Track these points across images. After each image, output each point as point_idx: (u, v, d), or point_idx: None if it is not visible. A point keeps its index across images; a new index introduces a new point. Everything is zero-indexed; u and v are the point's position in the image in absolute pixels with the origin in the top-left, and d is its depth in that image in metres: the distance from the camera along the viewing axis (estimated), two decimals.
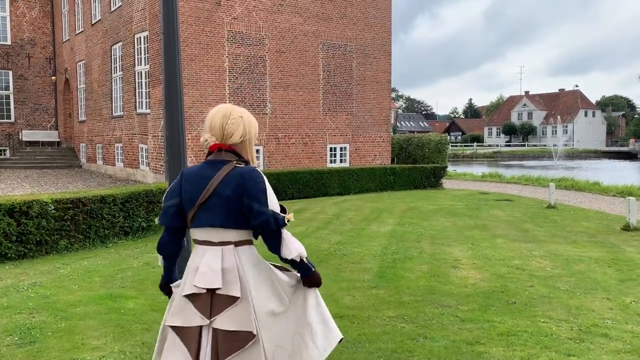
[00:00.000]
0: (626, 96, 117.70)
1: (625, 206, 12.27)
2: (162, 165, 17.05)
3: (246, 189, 2.34)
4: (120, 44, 19.94)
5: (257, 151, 18.62)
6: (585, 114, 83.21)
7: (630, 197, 10.18)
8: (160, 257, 2.62)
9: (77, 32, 24.36)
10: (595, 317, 4.86)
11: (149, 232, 9.38)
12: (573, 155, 63.04)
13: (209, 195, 2.37)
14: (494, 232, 9.83)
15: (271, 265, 2.52)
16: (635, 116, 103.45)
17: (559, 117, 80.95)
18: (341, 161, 20.48)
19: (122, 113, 20.17)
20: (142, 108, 18.56)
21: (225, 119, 2.43)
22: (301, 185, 16.28)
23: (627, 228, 9.84)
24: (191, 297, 2.38)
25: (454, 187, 20.13)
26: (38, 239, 7.53)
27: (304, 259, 2.47)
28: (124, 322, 4.73)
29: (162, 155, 17.00)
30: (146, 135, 18.17)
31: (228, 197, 2.35)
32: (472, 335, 4.43)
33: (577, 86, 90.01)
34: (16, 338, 4.34)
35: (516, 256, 7.60)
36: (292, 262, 2.46)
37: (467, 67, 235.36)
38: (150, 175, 17.91)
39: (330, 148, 20.17)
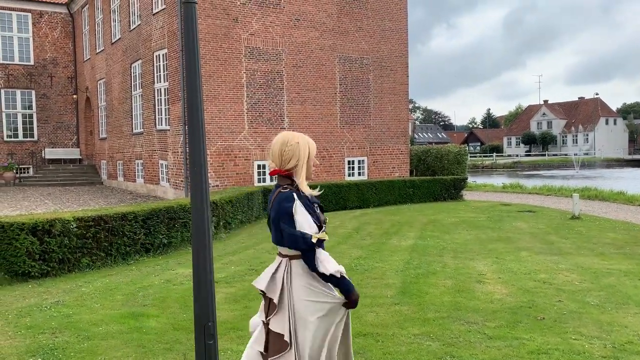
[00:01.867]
0: None
1: None
2: (182, 181, 17.16)
3: (278, 212, 2.70)
4: (139, 61, 20.22)
5: None
6: (607, 122, 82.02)
7: None
8: None
9: (97, 51, 24.79)
10: (629, 333, 4.69)
11: (170, 248, 9.40)
12: (595, 164, 62.04)
13: (269, 214, 2.83)
14: (518, 244, 9.65)
15: (319, 279, 2.73)
16: None
17: (580, 125, 79.93)
18: (359, 174, 20.39)
19: (142, 130, 20.39)
20: (161, 125, 18.75)
21: (284, 146, 2.76)
22: (320, 199, 16.18)
23: None
24: (262, 294, 2.88)
25: (474, 199, 19.89)
26: (60, 257, 7.58)
27: (344, 275, 2.67)
28: (145, 341, 4.70)
29: (182, 171, 17.12)
30: (166, 151, 18.32)
31: (272, 219, 2.77)
32: (501, 353, 4.30)
33: (597, 94, 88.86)
34: (40, 359, 4.32)
35: (542, 270, 7.43)
36: (331, 279, 2.68)
37: (485, 77, 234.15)
38: (170, 191, 18.02)
39: (348, 161, 20.11)
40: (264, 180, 18.22)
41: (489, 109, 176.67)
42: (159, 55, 18.62)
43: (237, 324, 5.20)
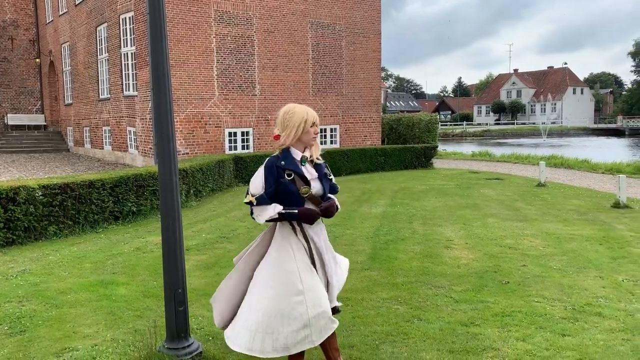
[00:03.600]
0: (614, 73, 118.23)
1: (614, 184, 12.34)
2: (151, 148, 16.87)
3: None
4: (105, 25, 19.55)
5: (247, 133, 18.48)
6: (574, 92, 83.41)
7: (620, 175, 10.22)
8: None
9: (60, 12, 23.85)
10: (589, 295, 4.88)
11: (139, 216, 9.29)
12: (562, 132, 63.32)
13: None
14: (486, 211, 9.85)
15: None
16: (623, 93, 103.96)
17: (549, 95, 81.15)
18: (332, 142, 20.39)
19: (109, 96, 19.88)
20: (129, 90, 18.30)
21: (285, 114, 3.10)
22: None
23: (617, 205, 9.90)
24: None
25: (444, 167, 20.15)
26: (26, 226, 7.42)
27: (282, 212, 3.00)
28: (115, 309, 4.68)
29: (151, 138, 16.81)
30: (134, 118, 17.94)
31: None
32: (467, 316, 4.43)
33: (565, 63, 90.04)
34: (6, 327, 4.27)
35: (508, 235, 7.62)
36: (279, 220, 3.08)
37: (458, 45, 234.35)
38: (139, 159, 17.73)
39: (321, 129, 20.04)
40: (236, 148, 18.07)
41: (460, 78, 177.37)
42: (125, 18, 18.02)
43: (208, 290, 5.20)
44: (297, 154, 3.10)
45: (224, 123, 17.86)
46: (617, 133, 63.84)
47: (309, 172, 3.10)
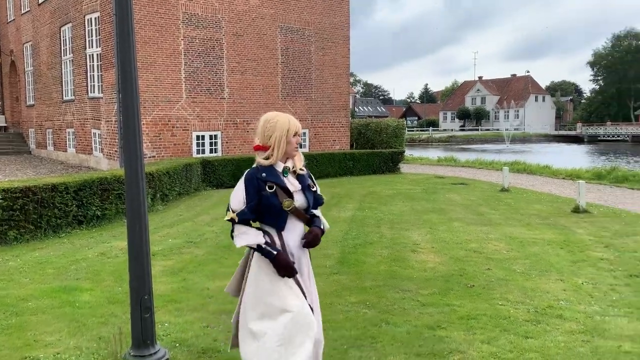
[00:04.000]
0: (574, 82, 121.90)
1: (575, 189, 12.71)
2: (116, 151, 16.56)
3: None
4: (69, 25, 19.13)
5: (215, 136, 18.33)
6: (536, 99, 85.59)
7: (580, 181, 10.53)
8: None
9: (23, 11, 23.23)
10: (550, 298, 5.02)
11: (104, 220, 9.11)
12: (524, 139, 64.86)
13: None
14: (451, 215, 10.01)
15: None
16: (582, 101, 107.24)
17: (512, 102, 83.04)
18: (301, 146, 20.23)
19: (73, 97, 19.44)
20: (94, 92, 17.93)
21: (266, 123, 2.92)
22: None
23: (576, 210, 10.19)
24: None
25: (411, 172, 20.40)
26: None
27: (261, 245, 2.83)
28: (79, 316, 4.58)
29: (117, 140, 16.51)
30: (99, 120, 17.59)
31: None
32: (433, 319, 4.50)
33: (528, 72, 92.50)
34: None
35: (473, 239, 7.76)
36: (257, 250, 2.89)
37: (425, 52, 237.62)
38: (104, 162, 17.38)
39: None
40: (203, 152, 17.90)
41: (427, 84, 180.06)
42: (90, 18, 17.68)
43: (175, 296, 5.15)
44: (278, 165, 2.92)
45: (191, 126, 17.67)
46: (577, 140, 65.80)
47: (292, 183, 2.92)
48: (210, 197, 13.31)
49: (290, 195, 2.87)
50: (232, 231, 2.89)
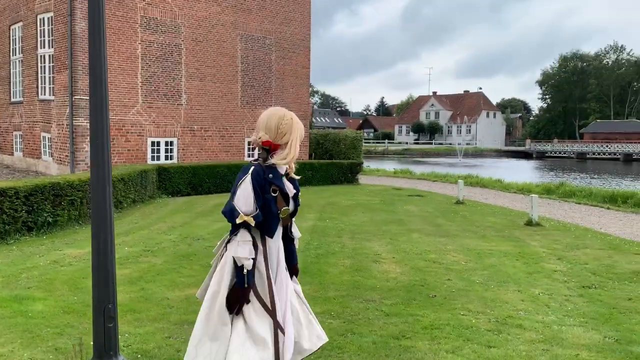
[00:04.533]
0: (523, 99, 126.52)
1: (527, 203, 13.14)
2: (67, 155, 16.02)
3: (234, 189, 2.68)
4: (20, 24, 18.46)
5: (171, 143, 18.01)
6: (487, 115, 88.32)
7: (533, 195, 10.89)
8: None
9: None
10: (510, 308, 5.14)
11: (56, 227, 8.77)
12: (476, 153, 66.74)
13: None
14: (410, 226, 10.15)
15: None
16: (531, 118, 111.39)
17: (465, 117, 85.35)
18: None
19: (22, 99, 18.71)
20: (45, 94, 17.33)
21: (281, 120, 2.72)
22: (218, 179, 15.93)
23: (529, 223, 10.52)
24: None
25: (368, 183, 20.60)
26: None
27: (245, 269, 2.63)
28: (32, 326, 4.36)
29: (68, 145, 15.97)
30: (50, 123, 16.98)
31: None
32: (398, 329, 4.52)
33: (480, 88, 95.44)
34: None
35: (432, 250, 7.88)
36: (235, 263, 2.66)
37: (381, 66, 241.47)
38: (53, 167, 16.77)
39: (249, 142, 19.90)
40: (158, 159, 17.54)
41: (383, 98, 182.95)
42: (43, 18, 17.11)
43: (134, 306, 4.99)
44: (282, 168, 2.73)
45: (147, 132, 17.31)
46: (526, 155, 68.23)
47: (289, 189, 2.77)
48: (166, 205, 13.03)
49: (287, 201, 2.74)
50: (234, 235, 2.64)
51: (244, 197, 2.62)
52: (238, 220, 2.59)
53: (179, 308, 4.97)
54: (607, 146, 64.31)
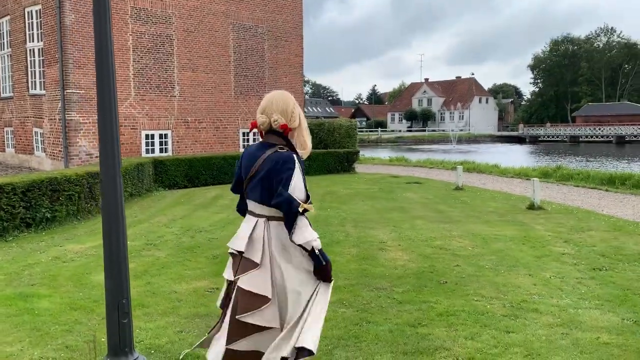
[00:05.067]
0: (514, 84, 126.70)
1: (527, 187, 13.11)
2: (60, 150, 15.81)
3: (277, 171, 2.59)
4: (7, 17, 18.13)
5: (165, 135, 17.83)
6: (480, 101, 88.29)
7: (534, 179, 10.84)
8: None
9: None
10: (523, 293, 5.08)
11: (54, 223, 8.62)
12: (470, 139, 66.75)
13: (254, 172, 2.67)
14: (412, 213, 10.09)
15: (300, 249, 2.64)
16: (522, 103, 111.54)
17: (458, 103, 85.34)
18: None
19: (12, 94, 18.42)
20: (35, 89, 17.06)
21: (292, 103, 2.71)
22: (215, 171, 15.79)
23: (531, 207, 10.48)
24: (231, 255, 2.79)
25: (365, 171, 20.52)
26: None
27: (315, 249, 2.62)
28: (40, 323, 4.26)
29: (61, 140, 15.76)
30: (41, 118, 16.74)
31: (263, 177, 2.63)
32: (413, 317, 4.45)
33: (472, 74, 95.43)
34: None
35: (437, 237, 7.82)
36: (304, 249, 2.62)
37: (372, 54, 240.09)
38: (47, 162, 16.55)
39: (243, 132, 19.75)
40: (153, 152, 17.36)
41: (375, 86, 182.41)
42: (31, 11, 16.80)
43: (142, 300, 4.89)
44: (306, 153, 2.83)
45: (140, 125, 17.11)
46: (519, 140, 68.32)
47: None
48: (164, 198, 12.89)
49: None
50: (292, 222, 2.57)
51: (299, 186, 2.61)
52: (300, 209, 2.58)
53: (188, 301, 4.88)
54: (599, 129, 64.47)
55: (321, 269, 2.67)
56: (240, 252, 2.70)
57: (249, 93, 19.88)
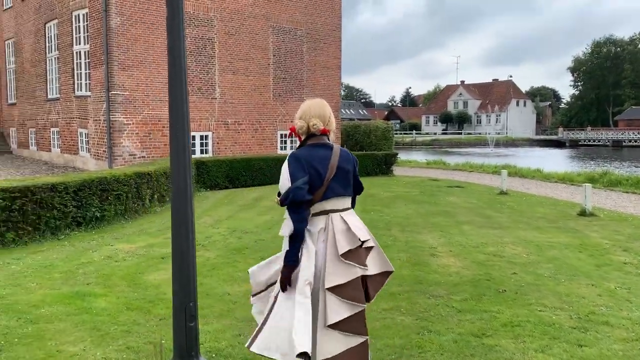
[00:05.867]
0: (553, 87, 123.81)
1: (574, 192, 12.70)
2: (104, 151, 16.11)
3: (355, 164, 3.03)
4: (55, 21, 18.60)
5: (206, 137, 17.99)
6: (517, 104, 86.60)
7: (586, 184, 10.49)
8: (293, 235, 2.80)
9: (4, 7, 22.59)
10: (589, 304, 4.85)
11: (103, 222, 8.75)
12: (507, 143, 65.49)
13: (335, 170, 2.85)
14: (458, 218, 9.86)
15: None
16: (561, 106, 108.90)
17: (496, 106, 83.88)
18: (292, 148, 20.12)
19: (58, 95, 18.89)
20: (81, 90, 17.43)
21: (329, 110, 3.03)
22: (255, 172, 15.84)
23: (583, 214, 10.13)
24: (346, 254, 2.82)
25: (402, 174, 20.28)
26: None
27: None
28: (99, 323, 4.27)
29: (105, 140, 16.05)
30: (86, 119, 17.10)
31: (349, 171, 2.96)
32: (476, 327, 4.29)
33: (511, 76, 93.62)
34: None
35: (489, 243, 7.60)
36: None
37: (406, 55, 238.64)
38: (91, 162, 16.90)
39: (281, 135, 19.78)
40: (194, 152, 17.52)
41: (409, 88, 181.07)
42: (78, 15, 17.20)
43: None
44: None
45: None
46: (559, 144, 66.67)
47: None
48: (207, 199, 12.98)
49: None
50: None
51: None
52: None
53: (243, 304, 4.83)
54: None
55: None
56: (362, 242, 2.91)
57: (287, 95, 19.90)
